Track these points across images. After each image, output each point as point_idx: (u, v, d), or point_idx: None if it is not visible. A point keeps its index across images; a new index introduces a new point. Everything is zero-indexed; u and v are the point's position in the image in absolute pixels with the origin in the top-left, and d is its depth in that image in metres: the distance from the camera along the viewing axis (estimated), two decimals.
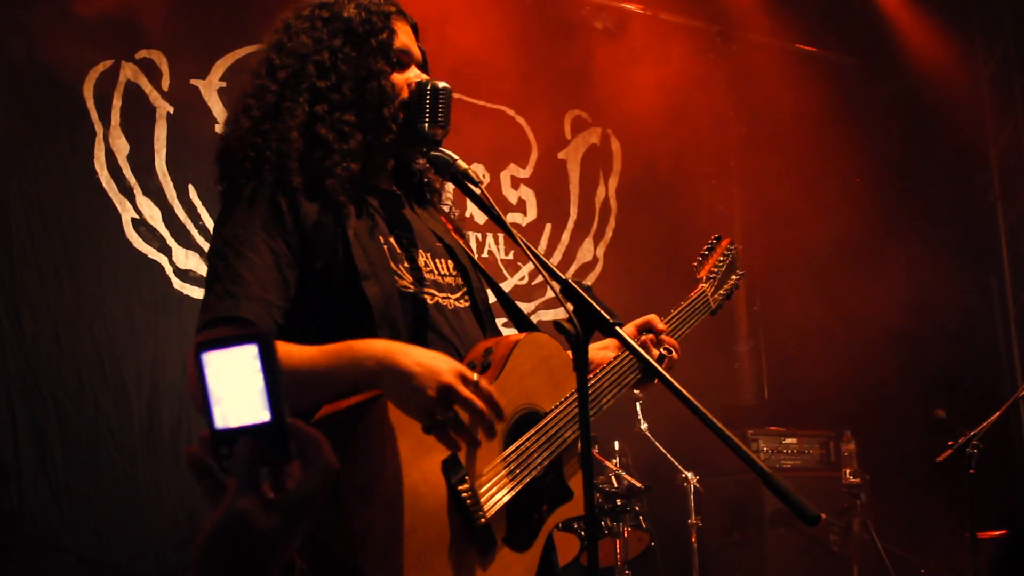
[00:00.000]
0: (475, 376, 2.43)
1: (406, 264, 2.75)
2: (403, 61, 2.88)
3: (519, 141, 8.54)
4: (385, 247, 2.73)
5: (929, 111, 9.42)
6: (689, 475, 6.88)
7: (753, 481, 7.64)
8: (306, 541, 2.37)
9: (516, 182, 8.45)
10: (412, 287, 2.72)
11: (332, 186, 2.67)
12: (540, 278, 8.35)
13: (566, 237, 8.61)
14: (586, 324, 2.39)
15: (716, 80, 9.34)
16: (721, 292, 3.56)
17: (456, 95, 8.44)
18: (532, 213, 8.48)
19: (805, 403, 8.71)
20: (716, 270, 3.54)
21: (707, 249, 3.59)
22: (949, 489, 6.67)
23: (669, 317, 3.29)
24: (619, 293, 8.22)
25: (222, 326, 2.47)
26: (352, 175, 2.72)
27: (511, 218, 8.37)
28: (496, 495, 2.62)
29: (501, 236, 8.25)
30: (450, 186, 2.95)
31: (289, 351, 2.47)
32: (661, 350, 3.13)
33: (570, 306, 2.42)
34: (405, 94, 2.83)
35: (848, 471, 7.66)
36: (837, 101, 9.15)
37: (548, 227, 8.54)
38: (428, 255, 2.83)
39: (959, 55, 9.55)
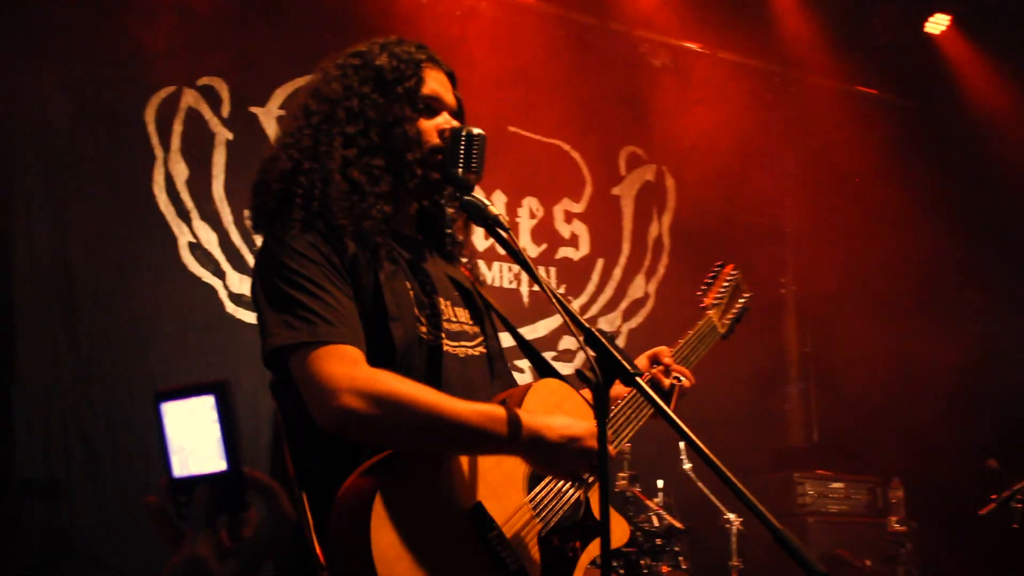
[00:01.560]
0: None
1: (428, 311, 2.82)
2: (432, 107, 2.94)
3: (574, 176, 8.58)
4: (411, 292, 2.79)
5: (990, 156, 9.32)
6: (732, 517, 6.83)
7: (797, 524, 7.60)
8: None
9: (570, 216, 8.48)
10: (429, 335, 2.78)
11: (370, 228, 2.75)
12: (588, 313, 8.37)
13: (618, 273, 8.62)
14: (607, 372, 2.43)
15: (773, 120, 9.32)
16: (729, 316, 3.65)
17: (512, 129, 8.53)
18: (584, 248, 8.50)
19: (854, 447, 8.64)
20: (721, 296, 3.63)
21: (711, 277, 3.67)
22: (996, 541, 6.58)
23: (677, 347, 3.36)
24: (670, 330, 8.15)
25: (336, 344, 2.58)
26: (386, 217, 2.79)
27: (563, 252, 8.40)
28: (525, 537, 2.68)
29: (553, 270, 8.28)
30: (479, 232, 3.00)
31: (440, 400, 2.59)
32: (671, 379, 3.20)
33: (592, 354, 2.46)
34: (434, 139, 2.89)
35: (895, 519, 7.58)
36: (896, 144, 9.08)
37: (600, 262, 8.56)
38: (448, 303, 2.90)
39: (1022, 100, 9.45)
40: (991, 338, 8.69)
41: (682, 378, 3.22)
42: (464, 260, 3.15)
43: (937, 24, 8.94)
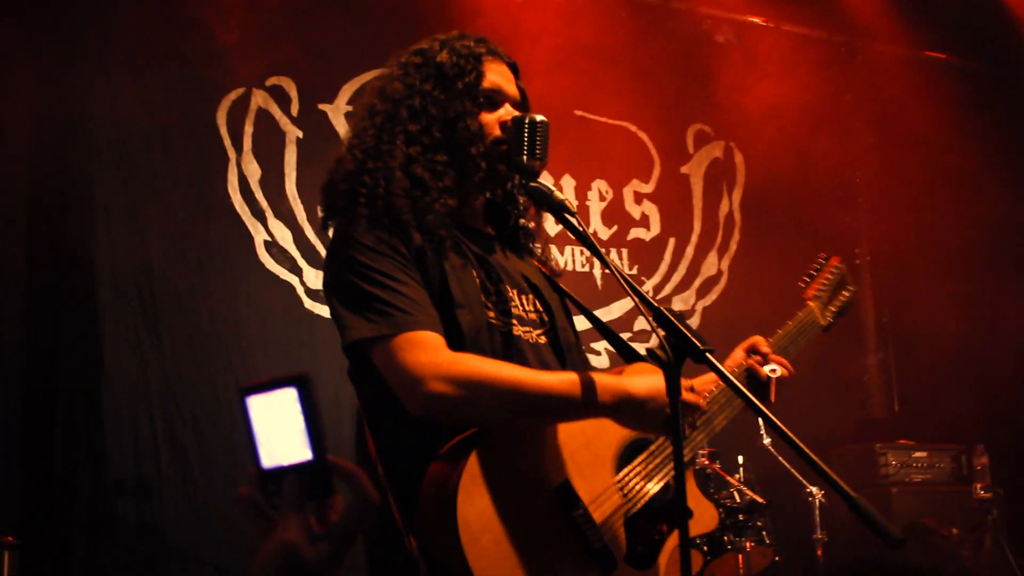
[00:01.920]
0: (690, 383, 2.70)
1: (494, 298, 2.87)
2: (495, 100, 2.99)
3: (642, 156, 8.57)
4: (477, 280, 2.85)
5: None
6: (814, 490, 6.83)
7: (881, 495, 7.56)
8: (431, 569, 2.52)
9: (639, 197, 8.48)
10: (498, 320, 2.84)
11: (433, 221, 2.81)
12: (662, 292, 8.38)
13: (690, 251, 8.61)
14: (678, 351, 2.47)
15: (841, 90, 9.24)
16: (832, 308, 3.65)
17: (578, 112, 8.54)
18: (656, 228, 8.50)
19: (937, 416, 8.55)
20: (823, 288, 3.62)
21: (815, 269, 3.67)
22: None
23: (776, 337, 3.36)
24: (745, 307, 8.19)
25: (416, 331, 2.66)
26: (451, 210, 2.85)
27: (635, 234, 8.40)
28: (612, 517, 2.73)
29: (625, 251, 8.30)
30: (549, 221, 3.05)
31: (523, 373, 2.69)
32: (767, 371, 3.17)
33: (662, 333, 2.49)
34: (496, 132, 2.93)
35: (979, 485, 7.51)
36: (966, 108, 8.97)
37: (672, 241, 8.55)
38: (515, 291, 2.94)
39: None
40: None
41: (779, 368, 3.20)
42: (538, 251, 3.19)
43: None
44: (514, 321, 2.89)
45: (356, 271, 2.74)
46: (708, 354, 2.46)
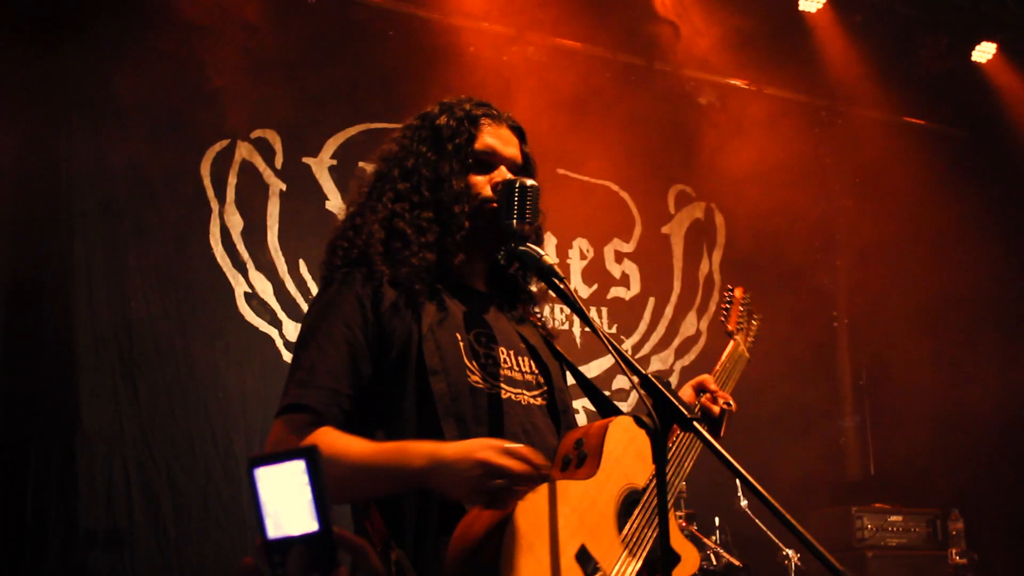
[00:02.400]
0: (506, 444, 2.54)
1: (482, 360, 2.88)
2: (488, 162, 3.01)
3: (623, 216, 8.63)
4: (462, 343, 2.86)
5: None
6: (790, 553, 6.83)
7: (857, 559, 7.56)
8: None
9: (620, 256, 8.53)
10: (483, 382, 2.84)
11: (407, 274, 2.85)
12: (641, 352, 8.40)
13: (669, 311, 8.65)
14: (664, 418, 2.48)
15: (821, 153, 9.34)
16: (750, 339, 3.69)
17: (561, 171, 8.57)
18: (636, 287, 8.54)
19: (913, 480, 8.58)
20: (742, 320, 3.67)
21: (727, 303, 3.69)
22: None
23: (716, 374, 3.40)
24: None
25: (294, 413, 2.70)
26: (428, 264, 2.89)
27: (615, 292, 8.44)
28: (624, 574, 2.74)
29: (604, 310, 8.32)
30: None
31: (348, 444, 2.66)
32: (722, 405, 3.25)
33: (649, 400, 2.50)
34: (487, 193, 2.96)
35: (955, 551, 7.53)
36: (946, 173, 9.06)
37: (652, 301, 8.59)
38: (510, 352, 2.96)
39: None
40: None
41: (731, 403, 3.27)
42: (537, 313, 3.23)
43: (984, 52, 8.92)
44: (502, 384, 2.89)
45: (302, 338, 2.86)
46: (695, 423, 2.47)
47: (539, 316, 3.24)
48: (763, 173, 8.48)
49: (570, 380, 3.25)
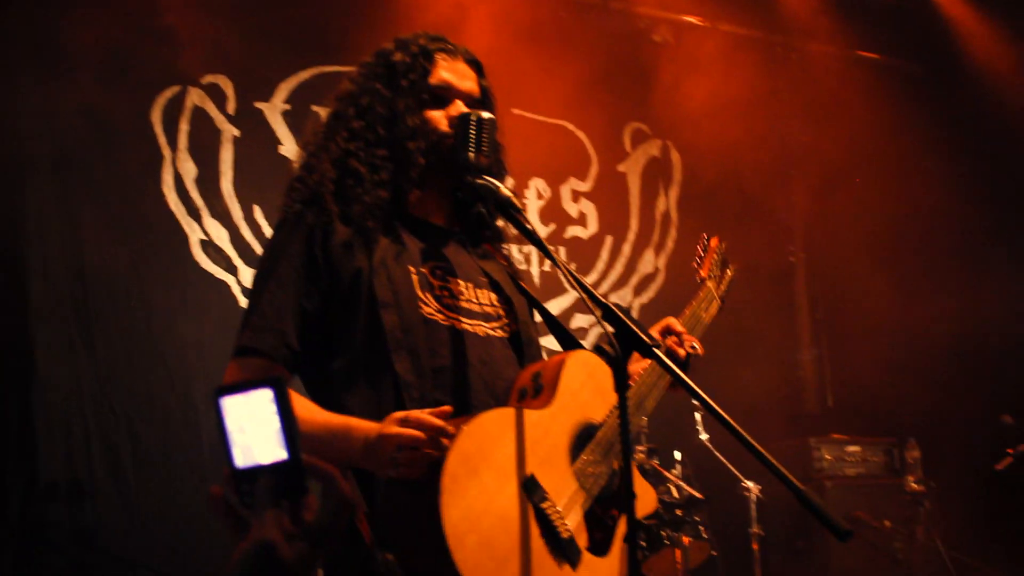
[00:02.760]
0: (401, 415, 2.60)
1: (437, 292, 2.89)
2: (444, 96, 3.00)
3: (579, 155, 8.61)
4: (415, 276, 2.88)
5: (994, 119, 9.33)
6: (750, 485, 6.89)
7: (815, 489, 7.63)
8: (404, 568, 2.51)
9: (577, 196, 8.52)
10: (439, 314, 2.86)
11: (360, 212, 2.87)
12: (599, 290, 8.41)
13: (627, 249, 8.66)
14: (625, 346, 2.49)
15: (777, 89, 9.33)
16: (723, 287, 3.74)
17: (516, 111, 8.52)
18: (593, 226, 8.54)
19: (870, 410, 8.68)
20: (714, 268, 3.73)
21: (702, 249, 3.76)
22: (1013, 495, 6.62)
23: (684, 318, 3.44)
24: (682, 304, 8.21)
25: (247, 356, 2.76)
26: (381, 202, 2.91)
27: (572, 232, 8.44)
28: (573, 508, 2.76)
29: (563, 249, 8.33)
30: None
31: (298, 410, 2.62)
32: (687, 348, 3.28)
33: (611, 329, 2.51)
34: (443, 127, 2.95)
35: (912, 478, 7.63)
36: (900, 109, 9.09)
37: (609, 239, 8.59)
38: (468, 284, 2.97)
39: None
40: (1003, 294, 8.72)
41: (696, 346, 3.29)
42: (503, 251, 3.23)
43: None
44: (460, 316, 2.90)
45: (254, 280, 2.94)
46: (655, 349, 2.48)
47: (505, 254, 3.23)
48: (719, 110, 8.47)
49: (537, 319, 3.26)
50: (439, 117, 2.98)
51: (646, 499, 3.07)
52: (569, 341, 3.14)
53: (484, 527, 2.53)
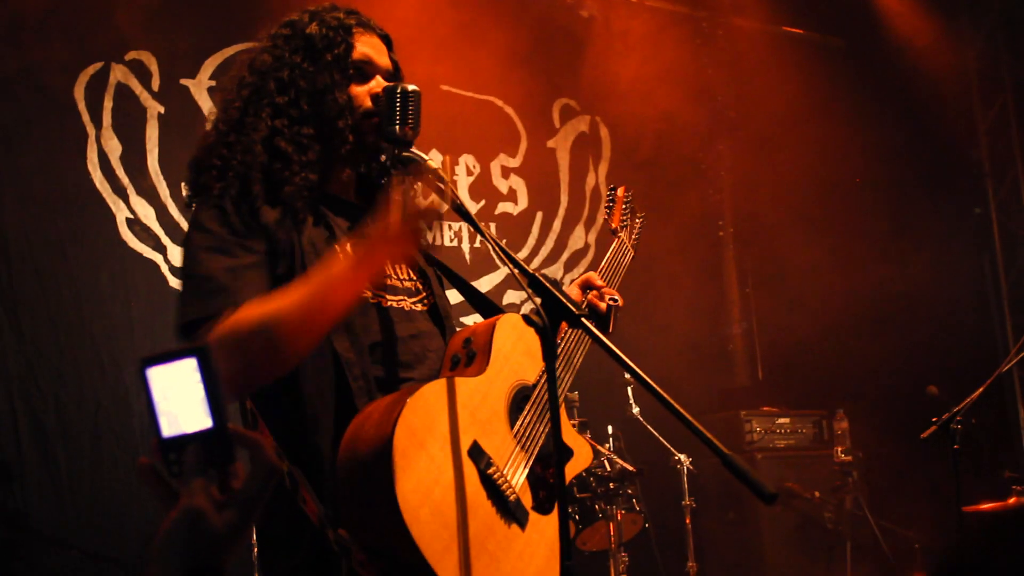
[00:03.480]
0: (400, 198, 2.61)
1: None
2: (365, 71, 2.96)
3: (508, 131, 8.61)
4: (341, 254, 2.82)
5: (916, 90, 9.48)
6: (682, 457, 6.97)
7: (747, 461, 7.73)
8: (372, 554, 2.51)
9: (506, 171, 8.52)
10: (367, 292, 2.82)
11: (290, 193, 2.80)
12: (530, 266, 8.43)
13: (557, 225, 8.69)
14: (553, 316, 2.51)
15: (703, 65, 9.39)
16: (634, 237, 3.73)
17: (444, 87, 8.49)
18: (523, 202, 8.56)
19: (799, 383, 8.80)
20: (625, 218, 3.71)
21: (609, 201, 3.74)
22: (940, 464, 6.74)
23: (601, 271, 3.45)
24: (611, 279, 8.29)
25: (213, 320, 2.56)
26: (310, 184, 2.84)
27: (503, 208, 8.45)
28: (517, 469, 2.79)
29: (493, 225, 8.33)
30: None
31: (275, 293, 2.59)
32: (608, 302, 3.29)
33: (538, 299, 2.53)
34: (366, 103, 2.92)
35: (840, 449, 7.77)
36: (824, 82, 9.21)
37: (539, 215, 8.62)
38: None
39: (946, 34, 9.60)
40: (929, 265, 8.87)
41: (617, 298, 3.30)
42: None
43: None
44: (385, 293, 2.89)
45: (192, 249, 2.73)
46: (583, 319, 2.50)
47: None
48: (646, 85, 8.53)
49: (458, 297, 3.27)
50: (363, 93, 2.93)
51: (581, 454, 3.10)
52: (489, 308, 3.16)
53: (436, 498, 2.54)
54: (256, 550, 5.76)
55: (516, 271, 2.62)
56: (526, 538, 2.75)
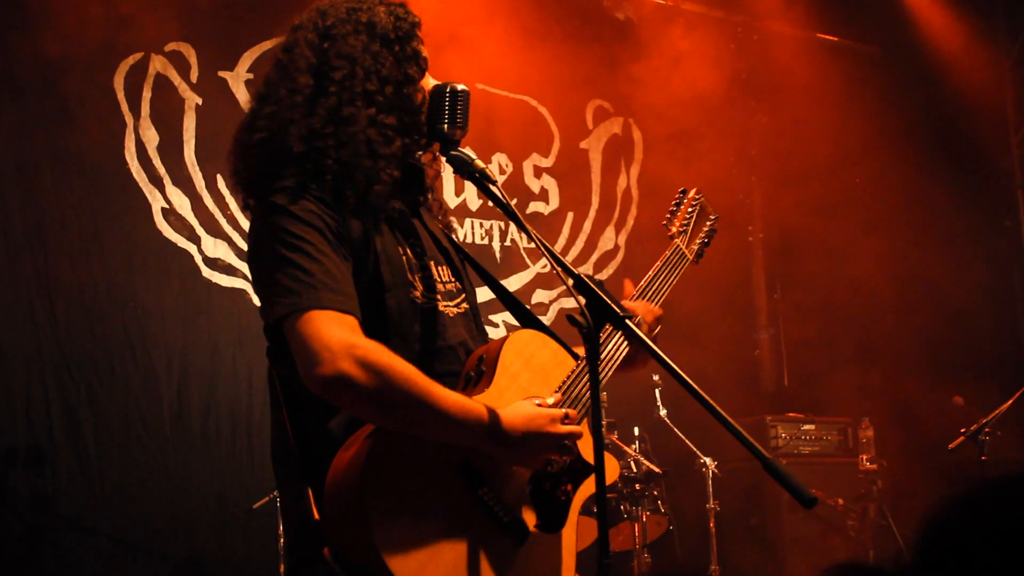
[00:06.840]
0: (561, 412, 2.70)
1: (420, 274, 2.81)
2: (424, 68, 2.91)
3: (542, 131, 8.63)
4: (404, 258, 2.78)
5: (950, 97, 9.45)
6: (707, 460, 6.97)
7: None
8: (344, 568, 2.44)
9: (539, 171, 8.54)
10: (423, 297, 2.78)
11: (379, 192, 2.72)
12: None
13: (588, 225, 8.70)
14: (597, 317, 2.50)
15: (737, 69, 9.38)
16: (697, 241, 3.65)
17: (480, 86, 8.52)
18: (554, 202, 8.57)
19: (825, 390, 8.77)
20: (686, 222, 3.62)
21: (675, 204, 3.66)
22: (965, 475, 6.72)
23: (647, 279, 3.38)
24: (640, 281, 8.28)
25: (335, 311, 2.51)
26: (395, 181, 2.77)
27: (534, 207, 8.46)
28: (516, 487, 2.71)
29: None
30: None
31: (431, 386, 2.54)
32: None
33: (582, 300, 2.52)
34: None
35: (865, 457, 7.75)
36: (858, 89, 9.19)
37: (570, 215, 8.63)
38: (432, 263, 2.87)
39: (981, 42, 9.57)
40: (961, 279, 8.84)
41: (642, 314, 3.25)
42: (440, 216, 3.11)
43: None
44: (438, 296, 2.84)
45: (286, 241, 2.57)
46: (627, 320, 2.49)
47: (442, 215, 3.12)
48: (680, 89, 8.53)
49: (488, 295, 3.25)
50: (423, 89, 2.88)
51: (609, 468, 2.97)
52: (526, 316, 3.11)
53: (413, 519, 2.47)
54: (282, 540, 5.83)
55: (561, 270, 2.60)
56: (523, 558, 2.67)
